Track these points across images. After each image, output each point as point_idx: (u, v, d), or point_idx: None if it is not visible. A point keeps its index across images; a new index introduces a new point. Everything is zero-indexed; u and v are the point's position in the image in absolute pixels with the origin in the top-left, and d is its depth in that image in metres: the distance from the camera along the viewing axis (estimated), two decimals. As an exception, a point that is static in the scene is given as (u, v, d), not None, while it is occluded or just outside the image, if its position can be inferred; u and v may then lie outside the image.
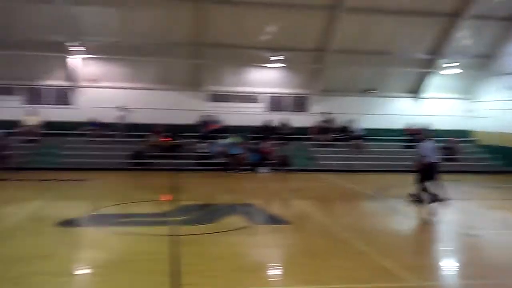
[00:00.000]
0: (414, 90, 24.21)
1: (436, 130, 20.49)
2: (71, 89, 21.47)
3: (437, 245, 9.34)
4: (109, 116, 20.90)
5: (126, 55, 20.76)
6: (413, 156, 12.16)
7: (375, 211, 12.59)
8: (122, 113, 20.88)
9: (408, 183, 11.81)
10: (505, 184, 18.27)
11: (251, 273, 6.76)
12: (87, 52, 20.18)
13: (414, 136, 20.44)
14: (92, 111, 20.99)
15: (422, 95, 24.06)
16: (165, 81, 21.94)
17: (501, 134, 22.22)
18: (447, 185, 11.36)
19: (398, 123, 23.57)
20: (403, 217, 11.40)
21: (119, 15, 19.61)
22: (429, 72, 23.28)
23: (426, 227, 10.57)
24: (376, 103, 23.77)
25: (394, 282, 6.31)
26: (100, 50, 20.20)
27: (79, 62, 20.75)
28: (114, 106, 20.58)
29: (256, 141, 21.11)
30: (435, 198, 10.90)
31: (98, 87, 21.46)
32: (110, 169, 18.85)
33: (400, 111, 23.91)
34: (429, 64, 23.11)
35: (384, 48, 21.99)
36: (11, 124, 19.93)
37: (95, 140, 20.64)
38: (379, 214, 12.10)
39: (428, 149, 11.35)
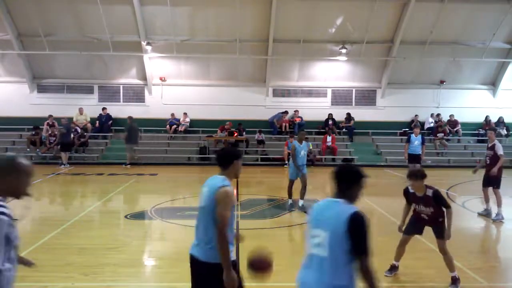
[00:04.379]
0: (491, 82, 22.84)
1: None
2: (143, 87, 22.38)
3: (507, 246, 8.76)
4: (177, 113, 21.81)
5: (194, 53, 21.26)
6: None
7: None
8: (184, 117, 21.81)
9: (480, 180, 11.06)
10: None
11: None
12: (157, 51, 20.93)
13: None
14: (163, 108, 21.93)
15: (499, 87, 22.64)
16: (232, 78, 22.26)
17: None
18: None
19: (473, 117, 22.47)
20: (473, 217, 10.78)
21: (188, 14, 20.11)
22: (508, 62, 21.84)
23: (496, 227, 9.93)
24: (449, 96, 22.70)
25: (463, 282, 5.98)
26: (170, 48, 20.79)
27: (150, 61, 21.55)
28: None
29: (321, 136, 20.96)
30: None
31: (168, 84, 22.21)
32: (179, 164, 19.56)
33: (475, 104, 22.70)
34: (507, 54, 21.69)
35: (458, 38, 20.91)
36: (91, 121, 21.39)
37: (167, 136, 21.50)
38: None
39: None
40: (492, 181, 10.16)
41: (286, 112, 21.90)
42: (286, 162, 19.47)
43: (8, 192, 2.85)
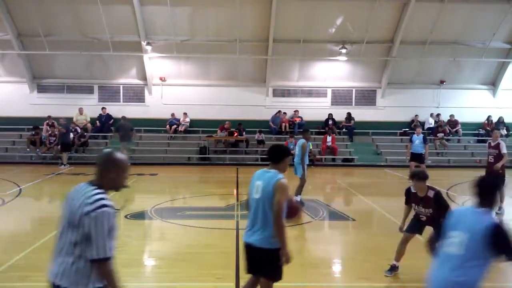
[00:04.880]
0: (491, 82, 22.85)
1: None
2: (143, 86, 22.38)
3: None
4: (178, 113, 21.86)
5: (194, 53, 21.25)
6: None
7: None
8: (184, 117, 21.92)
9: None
10: None
11: (314, 269, 6.71)
12: (157, 51, 20.93)
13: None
14: (163, 108, 21.96)
15: (499, 87, 22.66)
16: (231, 78, 22.26)
17: None
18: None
19: (473, 117, 22.50)
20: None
21: (188, 14, 20.09)
22: (508, 62, 21.85)
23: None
24: (449, 96, 22.72)
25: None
26: (170, 48, 20.78)
27: (150, 61, 21.55)
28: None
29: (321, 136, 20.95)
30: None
31: (168, 84, 22.21)
32: (179, 164, 19.55)
33: (475, 104, 22.72)
34: (507, 54, 21.70)
35: (458, 38, 20.91)
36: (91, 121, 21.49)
37: (167, 136, 21.52)
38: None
39: None
40: (498, 179, 10.34)
41: (280, 112, 21.90)
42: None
43: (109, 186, 3.16)
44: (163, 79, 22.00)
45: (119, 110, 21.61)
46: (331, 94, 22.83)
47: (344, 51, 20.88)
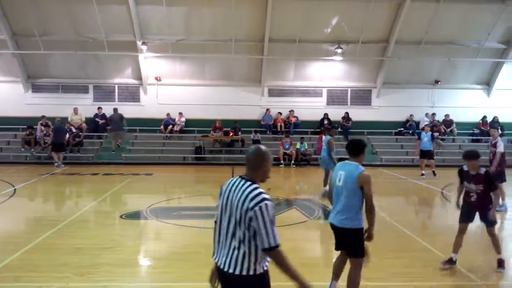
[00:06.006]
0: (486, 82, 22.95)
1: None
2: (138, 86, 22.32)
3: (504, 246, 8.77)
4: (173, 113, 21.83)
5: (190, 53, 21.23)
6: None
7: (441, 207, 12.05)
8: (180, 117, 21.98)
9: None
10: None
11: (310, 268, 6.69)
12: (153, 50, 20.87)
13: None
14: (159, 108, 21.92)
15: (494, 87, 22.75)
16: (227, 78, 22.25)
17: None
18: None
19: (467, 116, 22.58)
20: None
21: (183, 14, 20.06)
22: (502, 62, 21.95)
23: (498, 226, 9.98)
24: (443, 95, 22.80)
25: (458, 281, 6.00)
26: (165, 48, 20.75)
27: (145, 60, 21.49)
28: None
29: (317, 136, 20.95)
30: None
31: (163, 84, 22.16)
32: (175, 164, 19.52)
33: (470, 104, 22.81)
34: (502, 54, 21.79)
35: (453, 38, 20.99)
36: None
37: (162, 136, 21.49)
38: (445, 210, 11.57)
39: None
40: (495, 176, 10.57)
41: (268, 110, 22.02)
42: (282, 162, 19.50)
43: (260, 178, 3.49)
44: (158, 78, 21.95)
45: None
46: (327, 94, 22.86)
47: (339, 51, 20.94)
